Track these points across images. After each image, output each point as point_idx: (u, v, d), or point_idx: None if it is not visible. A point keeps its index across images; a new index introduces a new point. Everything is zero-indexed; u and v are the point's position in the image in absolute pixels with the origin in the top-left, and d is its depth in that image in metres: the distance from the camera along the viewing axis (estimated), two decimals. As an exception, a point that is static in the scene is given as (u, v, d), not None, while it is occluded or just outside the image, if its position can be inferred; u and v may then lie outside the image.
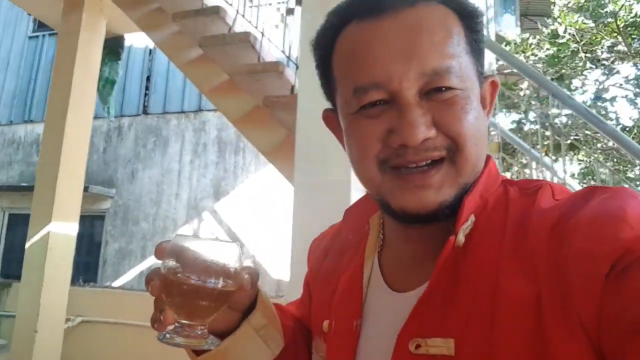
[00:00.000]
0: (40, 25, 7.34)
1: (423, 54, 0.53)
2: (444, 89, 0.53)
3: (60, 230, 3.49)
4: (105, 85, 4.58)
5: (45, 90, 7.03)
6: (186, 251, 0.54)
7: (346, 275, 0.66)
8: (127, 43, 4.74)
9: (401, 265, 0.62)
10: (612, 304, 0.44)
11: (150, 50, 7.08)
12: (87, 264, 6.72)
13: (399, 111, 0.53)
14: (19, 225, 7.10)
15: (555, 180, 2.94)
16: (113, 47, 4.43)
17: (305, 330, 0.74)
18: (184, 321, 0.54)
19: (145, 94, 7.14)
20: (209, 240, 0.55)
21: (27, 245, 3.46)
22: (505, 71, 5.28)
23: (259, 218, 6.04)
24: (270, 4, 3.31)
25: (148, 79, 7.18)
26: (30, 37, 7.88)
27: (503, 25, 6.01)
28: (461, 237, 0.54)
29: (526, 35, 5.06)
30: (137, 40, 6.01)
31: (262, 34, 2.92)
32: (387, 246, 0.66)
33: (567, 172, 3.00)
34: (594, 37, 4.58)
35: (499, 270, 0.51)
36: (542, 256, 0.49)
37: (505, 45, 4.45)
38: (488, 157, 0.60)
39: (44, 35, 7.71)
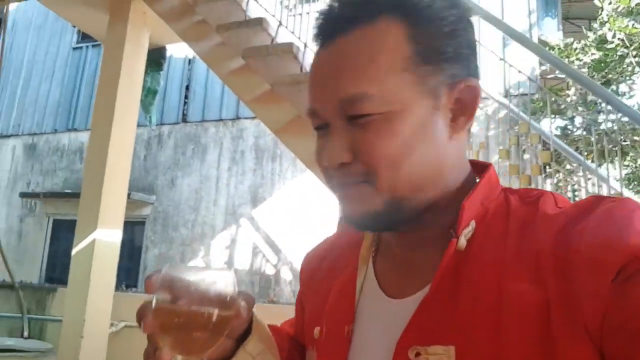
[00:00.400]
0: (83, 37, 7.57)
1: (340, 82, 0.55)
2: (359, 115, 0.54)
3: (105, 237, 3.57)
4: (148, 95, 4.68)
5: (89, 100, 7.26)
6: (178, 281, 0.52)
7: (339, 281, 0.67)
8: (168, 53, 4.83)
9: (397, 271, 0.62)
10: (617, 310, 0.44)
11: (190, 60, 7.22)
12: (129, 269, 6.86)
13: (327, 136, 0.57)
14: (63, 231, 7.34)
15: (604, 187, 2.84)
16: (155, 58, 4.53)
17: (300, 348, 0.74)
18: (180, 357, 0.52)
19: (185, 103, 7.28)
20: (201, 269, 0.54)
21: (74, 251, 3.54)
22: (549, 76, 5.15)
23: (296, 224, 6.05)
24: (310, 13, 3.32)
25: (187, 87, 7.32)
26: (74, 48, 8.14)
27: (545, 30, 5.87)
28: (463, 241, 0.55)
29: (570, 39, 4.91)
30: (177, 50, 6.13)
31: (305, 45, 2.92)
32: (382, 252, 0.66)
33: (614, 177, 2.89)
34: (644, 42, 4.43)
35: (503, 277, 0.51)
36: (548, 262, 0.49)
37: (549, 50, 4.33)
38: (488, 165, 0.62)
39: (87, 47, 7.96)
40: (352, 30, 0.55)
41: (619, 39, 4.13)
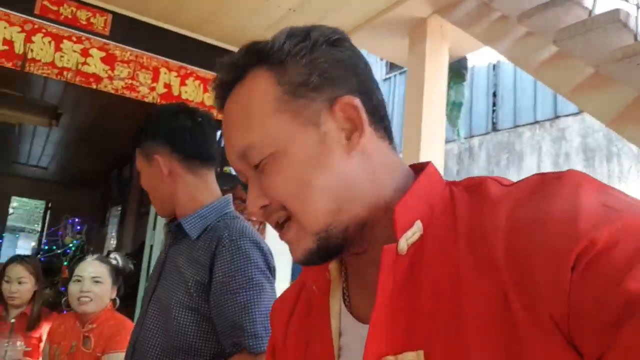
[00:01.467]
0: (391, 67, 8.14)
1: (232, 139, 0.61)
2: (256, 164, 0.59)
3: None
4: (453, 108, 4.63)
5: (400, 127, 7.72)
6: None
7: (315, 330, 0.66)
8: (469, 63, 4.68)
9: (364, 293, 0.62)
10: (583, 299, 0.43)
11: (494, 66, 6.93)
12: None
13: None
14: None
15: None
16: (457, 70, 4.45)
17: None
18: None
19: (493, 110, 7.00)
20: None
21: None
22: None
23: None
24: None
25: (494, 94, 7.02)
26: (384, 80, 8.85)
27: None
28: (403, 245, 0.54)
29: None
30: (479, 58, 5.93)
31: (638, 6, 2.30)
32: (352, 283, 0.66)
33: None
34: None
35: (457, 272, 0.51)
36: (501, 253, 0.48)
37: None
38: (426, 163, 0.62)
39: (395, 76, 8.53)
40: (231, 91, 0.62)
41: None
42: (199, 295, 1.22)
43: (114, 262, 2.21)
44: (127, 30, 3.56)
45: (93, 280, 2.07)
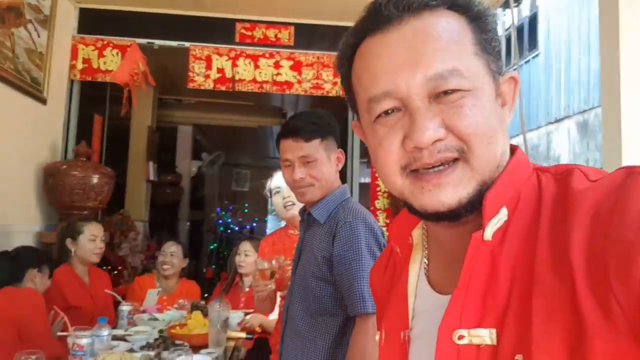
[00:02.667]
0: None
1: (426, 59, 0.56)
2: (449, 91, 0.56)
3: None
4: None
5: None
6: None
7: (395, 290, 0.71)
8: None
9: (446, 268, 0.64)
10: None
11: None
12: None
13: (410, 117, 0.57)
14: None
15: None
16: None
17: None
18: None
19: None
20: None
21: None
22: None
23: None
24: None
25: None
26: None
27: None
28: (488, 233, 0.56)
29: None
30: None
31: None
32: (433, 252, 0.69)
33: None
34: None
35: (533, 265, 0.51)
36: (579, 245, 0.48)
37: None
38: (515, 149, 0.62)
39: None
40: (422, 14, 0.58)
41: None
42: (327, 268, 1.55)
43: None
44: (308, 36, 4.09)
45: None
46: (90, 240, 2.71)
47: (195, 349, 2.09)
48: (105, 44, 3.76)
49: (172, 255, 3.17)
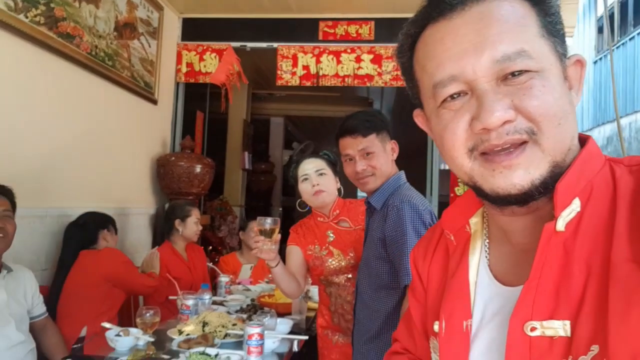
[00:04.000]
0: None
1: (492, 42, 0.56)
2: (517, 72, 0.55)
3: None
4: None
5: None
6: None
7: (453, 278, 0.69)
8: None
9: (511, 259, 0.64)
10: None
11: None
12: None
13: (478, 99, 0.56)
14: None
15: None
16: None
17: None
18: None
19: None
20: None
21: None
22: None
23: None
24: None
25: None
26: None
27: None
28: (561, 224, 0.54)
29: None
30: None
31: None
32: (494, 242, 0.67)
33: None
34: None
35: (611, 259, 0.50)
36: None
37: None
38: (587, 138, 0.60)
39: None
40: (484, 0, 0.58)
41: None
42: (382, 247, 1.77)
43: (325, 156, 2.24)
44: (388, 30, 4.27)
45: (318, 173, 2.16)
46: (195, 223, 3.11)
47: (281, 315, 2.42)
48: (205, 48, 4.23)
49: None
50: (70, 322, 2.36)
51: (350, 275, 2.12)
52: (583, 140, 0.61)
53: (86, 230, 2.61)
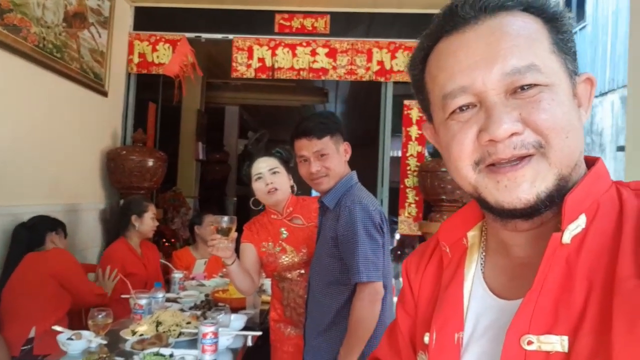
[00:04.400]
0: None
1: (503, 55, 0.57)
2: (527, 86, 0.56)
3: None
4: None
5: None
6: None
7: (447, 290, 0.69)
8: None
9: (508, 272, 0.64)
10: None
11: None
12: None
13: (487, 111, 0.57)
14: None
15: None
16: None
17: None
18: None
19: None
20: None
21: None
22: None
23: None
24: None
25: None
26: None
27: None
28: (567, 236, 0.54)
29: None
30: None
31: None
32: (491, 255, 0.67)
33: None
34: None
35: (615, 276, 0.50)
36: None
37: None
38: (596, 159, 0.61)
39: None
40: (498, 14, 0.59)
41: None
42: (334, 246, 1.84)
43: (277, 155, 2.28)
44: (344, 24, 4.31)
45: (271, 172, 2.18)
46: (152, 219, 3.08)
47: (235, 310, 2.46)
48: (158, 39, 4.15)
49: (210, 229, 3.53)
50: (16, 323, 2.31)
51: (302, 271, 2.18)
52: (592, 161, 0.61)
53: (34, 232, 2.55)
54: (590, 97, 0.62)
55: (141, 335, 1.98)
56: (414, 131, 4.23)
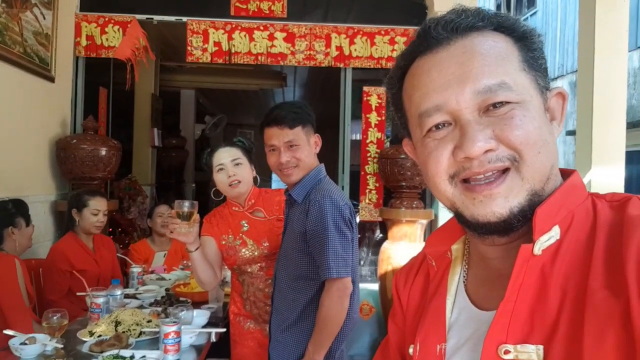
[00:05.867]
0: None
1: (474, 74, 0.58)
2: (499, 104, 0.58)
3: (602, 177, 3.43)
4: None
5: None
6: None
7: (431, 302, 0.71)
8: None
9: (488, 283, 0.65)
10: None
11: None
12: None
13: (461, 129, 0.59)
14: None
15: None
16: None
17: None
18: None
19: None
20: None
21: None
22: None
23: None
24: None
25: None
26: None
27: None
28: (538, 248, 0.56)
29: None
30: None
31: None
32: (473, 268, 0.69)
33: None
34: None
35: (587, 286, 0.52)
36: (633, 267, 0.49)
37: None
38: (572, 171, 0.63)
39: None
40: (469, 34, 0.61)
41: None
42: (303, 241, 1.81)
43: (239, 144, 2.22)
44: (302, 8, 4.23)
45: (234, 163, 2.13)
46: (93, 214, 2.90)
47: (197, 304, 2.41)
48: (107, 20, 3.95)
49: (170, 216, 3.44)
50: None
51: (263, 264, 2.15)
52: (568, 173, 0.63)
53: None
54: (563, 111, 0.64)
55: (99, 336, 1.91)
56: (373, 118, 4.24)
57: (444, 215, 4.08)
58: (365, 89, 4.24)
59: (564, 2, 8.41)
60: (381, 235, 4.74)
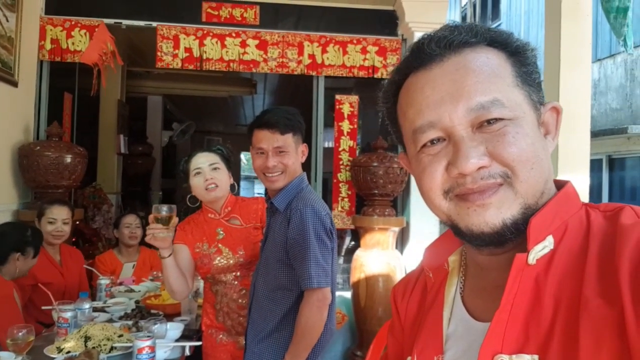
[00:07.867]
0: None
1: (467, 91, 0.59)
2: (492, 120, 0.58)
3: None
4: (617, 15, 4.12)
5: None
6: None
7: (428, 314, 0.71)
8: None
9: (485, 295, 0.65)
10: None
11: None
12: None
13: (455, 146, 0.59)
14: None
15: None
16: (609, -26, 3.92)
17: None
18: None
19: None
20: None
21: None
22: None
23: None
24: None
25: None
26: None
27: None
28: (532, 257, 0.56)
29: None
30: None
31: None
32: (470, 279, 0.69)
33: None
34: None
35: (581, 294, 0.52)
36: (629, 273, 0.49)
37: None
38: (566, 182, 0.63)
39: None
40: (462, 51, 0.61)
41: None
42: (283, 250, 1.78)
43: (218, 151, 2.20)
44: (274, 16, 4.22)
45: (212, 168, 2.11)
46: (49, 223, 2.79)
47: (170, 317, 2.34)
48: (73, 24, 3.83)
49: (137, 226, 3.35)
50: None
51: (238, 274, 2.11)
52: (562, 184, 0.64)
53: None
54: (557, 125, 0.64)
55: (68, 352, 1.83)
56: (345, 126, 4.25)
57: (416, 223, 4.13)
58: (338, 97, 4.25)
59: (527, 14, 8.67)
60: (353, 242, 4.74)
